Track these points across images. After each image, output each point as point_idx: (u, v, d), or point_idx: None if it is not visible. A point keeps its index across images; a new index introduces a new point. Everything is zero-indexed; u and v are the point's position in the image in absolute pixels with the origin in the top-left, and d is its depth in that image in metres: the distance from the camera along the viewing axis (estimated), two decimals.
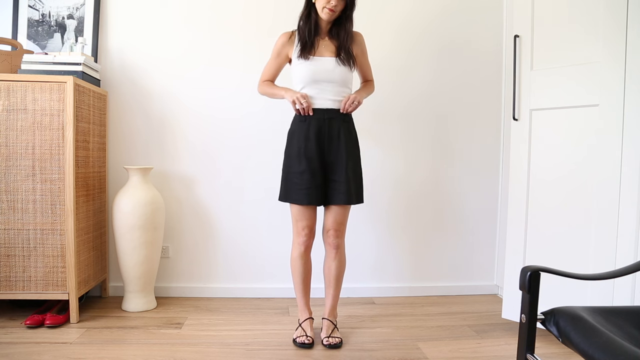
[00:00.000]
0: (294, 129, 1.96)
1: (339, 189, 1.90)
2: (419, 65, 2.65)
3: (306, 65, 1.89)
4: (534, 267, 1.10)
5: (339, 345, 1.92)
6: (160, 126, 2.54)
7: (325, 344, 1.92)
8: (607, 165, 1.75)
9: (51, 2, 2.47)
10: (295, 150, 1.91)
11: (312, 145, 1.89)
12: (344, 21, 1.92)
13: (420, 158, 2.67)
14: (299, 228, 1.96)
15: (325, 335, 1.95)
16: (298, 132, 1.92)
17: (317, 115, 1.90)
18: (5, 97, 2.04)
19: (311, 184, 1.88)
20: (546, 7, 1.97)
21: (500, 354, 1.88)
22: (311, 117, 1.90)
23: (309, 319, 2.03)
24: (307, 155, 1.89)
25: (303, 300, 2.05)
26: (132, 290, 2.30)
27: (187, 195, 2.57)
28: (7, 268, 2.08)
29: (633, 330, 1.07)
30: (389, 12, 2.61)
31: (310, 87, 1.90)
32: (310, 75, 1.89)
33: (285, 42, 1.99)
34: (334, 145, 1.91)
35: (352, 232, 2.63)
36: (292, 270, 2.04)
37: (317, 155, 1.89)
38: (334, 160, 1.91)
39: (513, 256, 2.11)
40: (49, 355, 1.78)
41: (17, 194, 2.07)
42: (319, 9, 1.87)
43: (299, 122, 1.94)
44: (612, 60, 1.73)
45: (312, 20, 1.90)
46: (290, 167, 1.93)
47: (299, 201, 1.90)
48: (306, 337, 1.94)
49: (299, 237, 1.98)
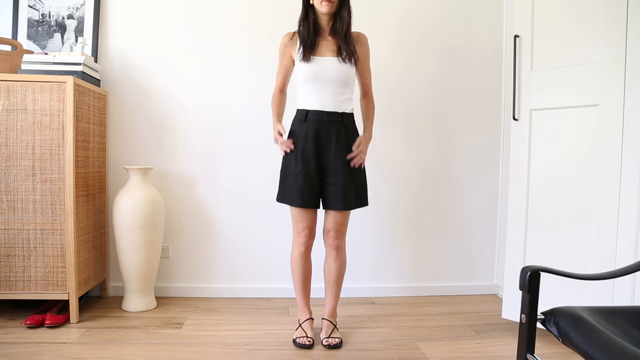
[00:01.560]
0: (293, 130, 1.95)
1: (336, 194, 1.88)
2: (419, 65, 2.65)
3: (307, 67, 1.88)
4: (534, 267, 1.10)
5: (338, 346, 1.92)
6: (160, 126, 2.54)
7: (325, 345, 1.92)
8: (607, 165, 1.75)
9: (51, 2, 2.47)
10: (293, 151, 1.91)
11: (309, 146, 1.88)
12: (340, 9, 1.89)
13: (420, 158, 2.67)
14: (299, 229, 1.96)
15: (325, 336, 1.95)
16: (297, 133, 1.92)
17: (316, 117, 1.89)
18: (5, 97, 2.04)
19: (305, 187, 1.87)
20: (546, 7, 1.97)
21: (500, 354, 1.88)
22: (310, 119, 1.89)
23: (309, 319, 2.03)
24: (303, 157, 1.88)
25: (303, 301, 2.05)
26: (132, 290, 2.30)
27: (187, 195, 2.57)
28: (7, 268, 2.08)
29: (633, 330, 1.07)
30: (388, 10, 2.61)
31: (310, 87, 1.89)
32: (311, 75, 1.88)
33: (287, 42, 1.97)
34: (332, 148, 1.88)
35: (352, 232, 2.63)
36: (292, 271, 2.03)
37: (314, 157, 1.88)
38: (332, 164, 1.88)
39: (513, 256, 2.11)
40: (49, 355, 1.78)
41: (17, 194, 2.07)
42: (317, 4, 1.85)
43: (298, 122, 1.93)
44: (612, 60, 1.73)
45: (310, 21, 1.89)
46: (287, 167, 1.93)
47: (293, 203, 1.90)
48: (306, 337, 1.94)
49: (299, 237, 1.97)
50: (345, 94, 1.92)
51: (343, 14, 1.88)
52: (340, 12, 1.89)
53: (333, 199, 1.89)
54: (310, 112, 1.89)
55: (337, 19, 1.90)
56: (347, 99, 1.92)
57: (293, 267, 2.02)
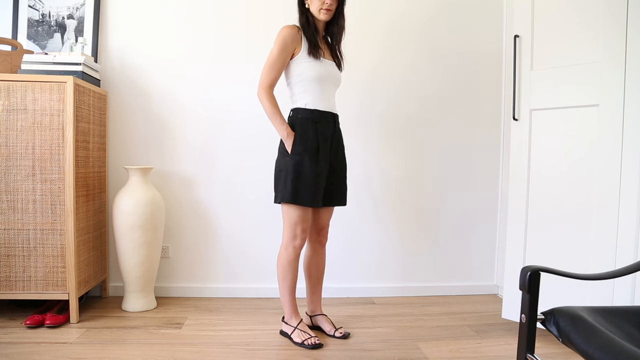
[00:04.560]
0: (307, 128, 1.86)
1: (340, 191, 2.00)
2: (419, 65, 2.65)
3: (318, 65, 1.87)
4: (534, 267, 1.10)
5: (348, 334, 2.02)
6: (160, 126, 2.54)
7: (339, 336, 2.00)
8: (607, 165, 1.75)
9: (51, 2, 2.47)
10: (310, 151, 1.84)
11: (326, 147, 1.91)
12: (336, 17, 1.91)
13: (420, 158, 2.67)
14: (299, 231, 1.89)
15: (333, 329, 2.02)
16: (312, 133, 1.87)
17: (327, 118, 1.93)
18: (5, 97, 2.04)
19: (321, 187, 1.90)
20: (546, 7, 1.97)
21: (500, 354, 1.88)
22: (325, 120, 1.91)
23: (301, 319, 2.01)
24: (322, 157, 1.88)
25: (295, 302, 2.00)
26: (132, 290, 2.30)
27: (187, 195, 2.57)
28: (7, 268, 2.08)
29: (633, 330, 1.07)
30: (387, 9, 2.61)
31: (318, 87, 1.89)
32: (319, 75, 1.87)
33: (295, 36, 1.86)
34: (340, 149, 2.00)
35: (353, 232, 2.63)
36: (284, 274, 1.94)
37: (327, 157, 1.92)
38: (338, 164, 1.98)
39: (513, 256, 2.11)
40: (49, 355, 1.78)
41: (17, 194, 2.07)
42: (315, 12, 1.86)
43: (312, 122, 1.87)
44: (612, 60, 1.73)
45: (311, 25, 1.90)
46: (303, 167, 1.83)
47: (309, 203, 1.85)
48: (314, 337, 1.93)
49: (296, 240, 1.90)
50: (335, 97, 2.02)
51: (340, 21, 1.93)
52: (337, 20, 1.92)
53: (338, 196, 1.99)
54: (324, 113, 1.91)
55: (333, 26, 1.94)
56: None
57: (286, 271, 1.93)
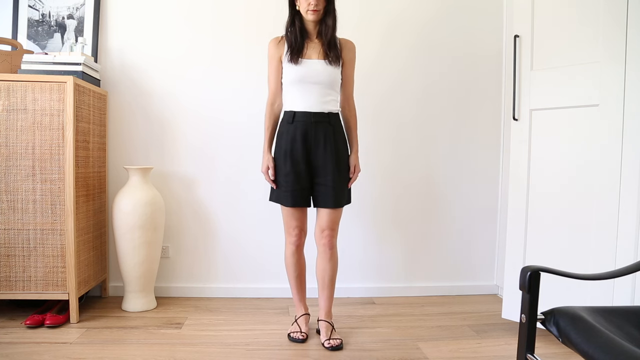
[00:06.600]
0: (282, 131, 1.97)
1: (327, 192, 1.92)
2: (419, 64, 2.65)
3: (295, 69, 1.91)
4: (534, 267, 1.10)
5: (340, 347, 1.91)
6: (160, 126, 2.54)
7: (328, 347, 1.90)
8: (607, 165, 1.75)
9: (51, 2, 2.47)
10: (282, 152, 1.94)
11: (298, 147, 1.91)
12: (325, 16, 1.93)
13: (420, 158, 2.67)
14: (290, 228, 2.00)
15: (326, 338, 1.94)
16: (285, 134, 1.94)
17: (303, 118, 1.91)
18: (5, 97, 2.04)
19: (296, 187, 1.91)
20: (546, 7, 1.97)
21: (500, 354, 1.88)
22: (298, 120, 1.92)
23: (305, 314, 2.06)
24: (292, 157, 1.91)
25: (298, 296, 2.08)
26: (132, 290, 2.30)
27: (187, 195, 2.57)
28: (7, 268, 2.08)
29: (633, 330, 1.07)
30: (388, 8, 2.61)
31: (297, 89, 1.92)
32: (298, 77, 1.90)
33: (275, 46, 1.98)
34: (320, 148, 1.92)
35: (352, 232, 2.63)
36: (286, 268, 2.07)
37: (302, 157, 1.91)
38: (321, 164, 1.92)
39: (513, 256, 2.11)
40: (49, 355, 1.78)
41: (17, 194, 2.07)
42: (303, 12, 1.90)
43: (286, 124, 1.95)
44: (612, 60, 1.73)
45: (296, 27, 1.93)
46: (278, 168, 1.96)
47: (284, 202, 1.95)
48: (300, 332, 1.98)
49: (290, 236, 2.01)
50: (331, 95, 1.95)
51: (328, 21, 1.93)
52: (325, 19, 1.93)
53: (324, 198, 1.94)
54: (297, 114, 1.92)
55: (322, 25, 1.94)
56: (332, 100, 1.96)
57: (287, 265, 2.06)
